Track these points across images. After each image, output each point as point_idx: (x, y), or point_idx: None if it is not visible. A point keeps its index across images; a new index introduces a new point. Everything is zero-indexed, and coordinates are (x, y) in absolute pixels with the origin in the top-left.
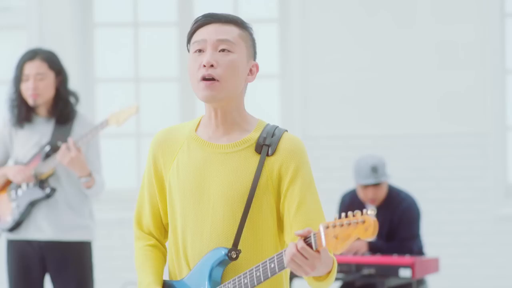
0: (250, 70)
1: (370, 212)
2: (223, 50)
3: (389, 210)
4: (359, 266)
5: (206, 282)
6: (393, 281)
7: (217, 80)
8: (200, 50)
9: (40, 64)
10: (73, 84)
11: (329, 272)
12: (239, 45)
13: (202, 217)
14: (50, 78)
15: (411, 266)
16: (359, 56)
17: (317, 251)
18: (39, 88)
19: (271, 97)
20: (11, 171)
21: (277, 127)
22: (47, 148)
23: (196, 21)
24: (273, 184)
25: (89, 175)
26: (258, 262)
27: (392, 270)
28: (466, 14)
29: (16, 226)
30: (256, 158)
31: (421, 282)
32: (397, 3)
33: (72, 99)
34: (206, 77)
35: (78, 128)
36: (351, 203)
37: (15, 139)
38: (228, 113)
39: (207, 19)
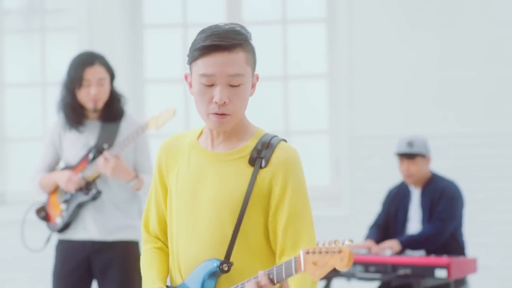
0: (252, 85)
1: (348, 242)
2: (233, 85)
3: (430, 191)
4: (395, 267)
5: None
6: (429, 282)
7: (229, 115)
8: (208, 85)
9: (100, 69)
10: (122, 85)
11: None
12: (247, 73)
13: (193, 225)
14: (107, 81)
15: (447, 267)
16: (406, 56)
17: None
18: (100, 92)
19: (319, 97)
20: (61, 180)
21: (274, 136)
22: (93, 151)
23: (200, 48)
24: (263, 195)
25: (135, 177)
26: (250, 273)
27: (428, 271)
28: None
29: (65, 227)
30: (249, 170)
31: (461, 282)
32: (443, 3)
33: (122, 99)
34: (219, 113)
35: (125, 128)
36: (396, 194)
37: (64, 141)
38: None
39: (212, 48)
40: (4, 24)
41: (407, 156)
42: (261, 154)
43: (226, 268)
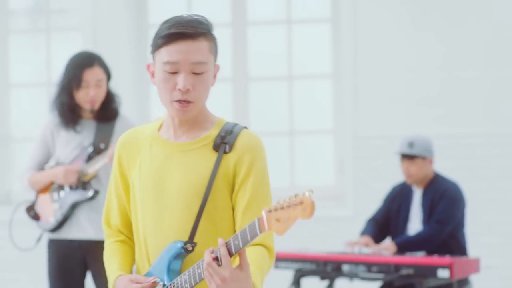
0: (213, 75)
1: (308, 193)
2: (197, 73)
3: (432, 192)
4: (397, 267)
5: (165, 276)
6: (432, 282)
7: (192, 102)
8: (172, 72)
9: (99, 70)
10: (127, 85)
11: None
12: (209, 61)
13: (160, 213)
14: (105, 82)
15: (449, 267)
16: (410, 56)
17: (240, 266)
18: (98, 94)
19: (324, 97)
20: (58, 175)
21: (236, 124)
22: (90, 150)
23: (164, 35)
24: (228, 179)
25: None
26: None
27: (431, 271)
28: None
29: (58, 226)
30: (213, 156)
31: (464, 282)
32: (448, 3)
33: (117, 99)
34: (182, 101)
35: (120, 128)
36: (399, 192)
37: (57, 140)
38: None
39: (177, 36)
40: (10, 24)
41: (407, 157)
42: (225, 140)
43: (190, 248)
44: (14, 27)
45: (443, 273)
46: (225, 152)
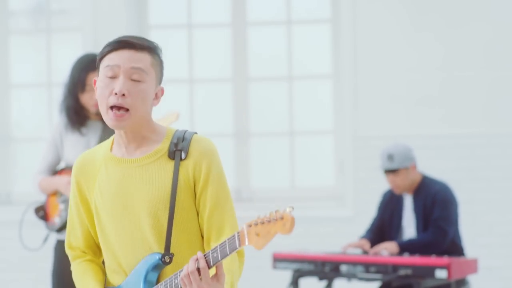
0: (156, 95)
1: (288, 209)
2: (135, 80)
3: (423, 195)
4: (395, 267)
5: (141, 285)
6: (430, 282)
7: (127, 109)
8: (112, 76)
9: None
10: None
11: None
12: (150, 74)
13: (130, 229)
14: None
15: (447, 267)
16: (410, 56)
17: (216, 277)
18: None
19: (324, 98)
20: (61, 185)
21: (186, 131)
22: None
23: (109, 44)
24: (190, 186)
25: None
26: None
27: (428, 271)
28: None
29: (63, 227)
30: (171, 164)
31: (462, 283)
32: (447, 3)
33: None
34: (117, 105)
35: None
36: (390, 198)
37: (65, 142)
38: (137, 132)
39: (121, 44)
40: (11, 25)
41: (390, 171)
42: (178, 147)
43: (168, 260)
44: (15, 28)
45: (441, 274)
46: (181, 159)
